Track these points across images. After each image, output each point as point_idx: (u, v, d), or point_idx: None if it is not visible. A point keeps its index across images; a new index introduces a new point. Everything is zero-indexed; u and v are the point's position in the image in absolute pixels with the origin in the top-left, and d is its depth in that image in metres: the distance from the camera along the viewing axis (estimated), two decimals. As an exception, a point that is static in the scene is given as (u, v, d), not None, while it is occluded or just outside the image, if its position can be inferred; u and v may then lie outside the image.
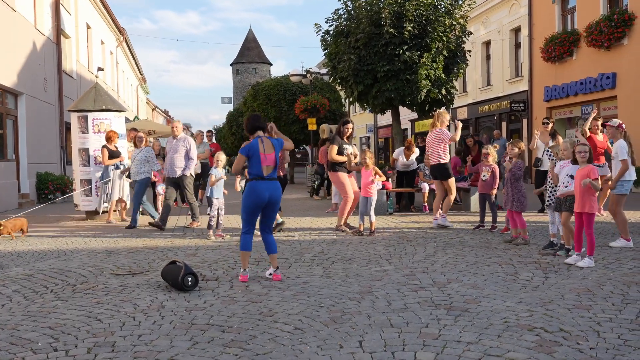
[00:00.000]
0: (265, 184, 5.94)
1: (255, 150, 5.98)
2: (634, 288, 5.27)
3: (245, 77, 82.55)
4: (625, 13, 17.93)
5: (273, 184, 6.01)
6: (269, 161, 5.98)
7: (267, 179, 5.95)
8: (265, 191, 5.92)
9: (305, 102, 22.78)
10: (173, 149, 10.58)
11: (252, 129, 6.19)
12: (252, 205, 5.95)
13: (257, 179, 5.95)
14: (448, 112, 12.18)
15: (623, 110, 18.20)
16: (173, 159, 10.50)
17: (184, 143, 10.55)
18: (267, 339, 4.04)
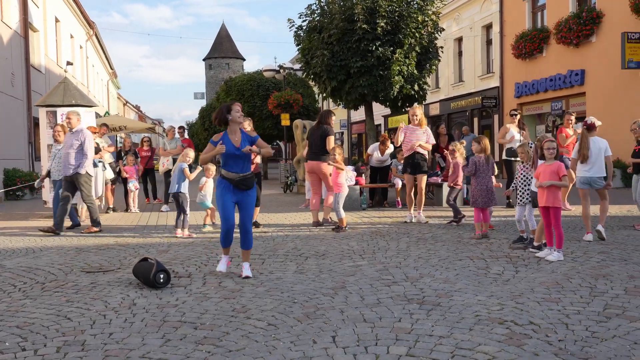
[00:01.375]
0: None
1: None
2: (601, 281, 5.37)
3: (218, 73, 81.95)
4: (593, 11, 18.24)
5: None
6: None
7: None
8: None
9: (279, 98, 22.71)
10: (67, 144, 9.53)
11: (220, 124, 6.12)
12: None
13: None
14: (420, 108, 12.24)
15: (591, 106, 18.52)
16: (67, 155, 9.44)
17: (78, 137, 9.44)
18: (240, 336, 4.02)
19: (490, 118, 24.85)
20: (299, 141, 16.34)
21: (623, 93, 17.17)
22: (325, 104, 37.42)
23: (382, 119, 32.82)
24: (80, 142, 9.42)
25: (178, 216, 9.02)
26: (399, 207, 12.51)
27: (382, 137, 13.52)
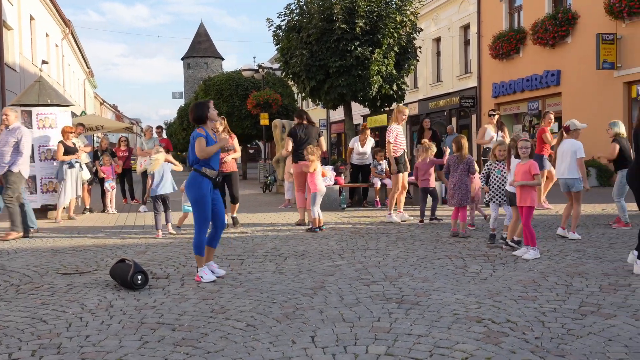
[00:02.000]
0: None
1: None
2: (577, 279, 5.45)
3: (196, 72, 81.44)
4: (569, 12, 18.49)
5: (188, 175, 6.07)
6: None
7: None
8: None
9: (258, 97, 22.64)
10: (2, 142, 9.05)
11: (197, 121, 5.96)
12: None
13: None
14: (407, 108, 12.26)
15: (567, 106, 18.77)
16: (1, 153, 8.96)
17: (15, 134, 8.98)
18: (219, 337, 4.00)
19: (469, 118, 25.06)
20: (278, 141, 16.31)
21: (598, 93, 17.43)
22: (305, 104, 37.42)
23: (361, 118, 32.89)
24: (17, 139, 8.96)
25: (160, 216, 8.95)
26: (378, 207, 12.55)
27: (362, 125, 13.68)
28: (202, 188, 5.76)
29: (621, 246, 7.10)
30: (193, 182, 5.81)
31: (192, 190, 5.80)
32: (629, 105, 16.60)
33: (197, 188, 5.77)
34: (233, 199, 9.69)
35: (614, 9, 16.23)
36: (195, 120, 5.91)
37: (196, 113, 5.88)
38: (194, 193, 5.78)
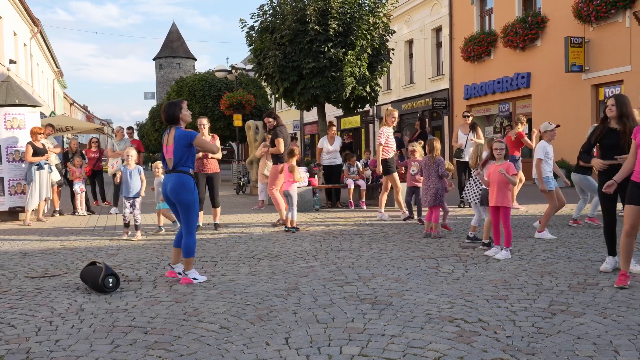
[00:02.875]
0: (165, 177, 5.87)
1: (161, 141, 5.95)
2: (547, 278, 5.54)
3: (168, 72, 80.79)
4: (538, 15, 18.80)
5: (167, 178, 5.77)
6: (168, 153, 5.73)
7: (167, 172, 5.81)
8: (165, 186, 5.79)
9: (231, 98, 22.52)
10: None
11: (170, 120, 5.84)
12: (165, 200, 5.97)
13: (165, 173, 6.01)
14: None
15: (537, 108, 19.08)
16: None
17: None
18: (192, 339, 3.97)
19: (441, 119, 25.30)
20: (251, 142, 16.26)
21: (566, 95, 17.75)
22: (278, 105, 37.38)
23: (334, 119, 32.97)
24: None
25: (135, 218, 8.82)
26: (352, 208, 12.59)
27: (329, 122, 13.79)
28: (194, 191, 5.69)
29: (590, 245, 7.23)
30: (186, 184, 5.65)
31: (185, 194, 5.63)
32: (596, 107, 16.94)
33: (190, 191, 5.66)
34: (214, 202, 9.56)
35: (582, 13, 16.55)
36: (168, 120, 5.77)
37: (168, 112, 5.75)
38: (187, 196, 5.64)
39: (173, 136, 5.66)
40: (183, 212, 5.68)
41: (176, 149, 5.62)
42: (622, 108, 5.67)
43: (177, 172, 5.64)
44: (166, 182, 5.76)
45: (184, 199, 5.63)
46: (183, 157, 5.64)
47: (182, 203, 5.65)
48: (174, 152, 5.64)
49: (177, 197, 5.64)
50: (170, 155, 5.67)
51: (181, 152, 5.61)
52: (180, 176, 5.64)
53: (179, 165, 5.64)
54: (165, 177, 5.84)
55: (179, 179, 5.63)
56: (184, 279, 5.66)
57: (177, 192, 5.62)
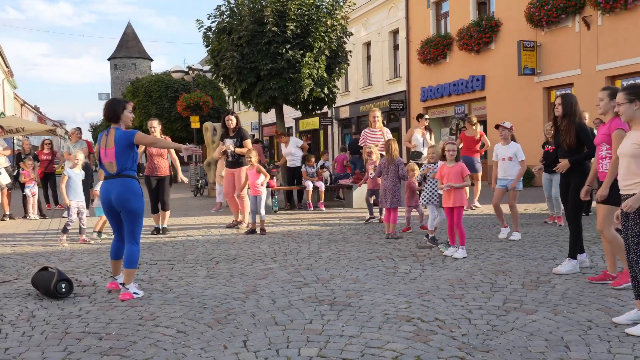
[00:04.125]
0: (106, 183, 5.29)
1: (98, 144, 5.39)
2: (501, 277, 5.65)
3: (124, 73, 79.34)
4: (492, 19, 19.20)
5: (111, 184, 5.22)
6: (108, 157, 5.23)
7: (109, 177, 5.26)
8: (108, 192, 5.23)
9: (188, 100, 22.29)
10: None
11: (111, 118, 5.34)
12: (104, 207, 5.41)
13: (104, 179, 5.40)
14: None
15: (491, 110, 19.47)
16: None
17: None
18: (148, 344, 3.91)
19: (398, 121, 25.56)
20: (209, 144, 16.11)
21: (520, 98, 18.16)
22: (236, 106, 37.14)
23: (293, 121, 32.97)
24: None
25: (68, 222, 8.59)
26: (311, 210, 12.60)
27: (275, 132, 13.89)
28: (142, 197, 5.28)
29: (542, 244, 7.42)
30: (135, 190, 5.20)
31: (136, 200, 5.18)
32: (548, 109, 17.39)
33: (140, 198, 5.23)
34: (163, 205, 9.41)
35: (533, 18, 16.98)
36: (109, 117, 5.29)
37: (111, 108, 5.28)
38: (139, 203, 5.20)
39: (113, 137, 5.18)
40: (130, 220, 5.20)
41: (118, 151, 5.15)
42: (568, 107, 5.83)
43: (123, 177, 5.18)
44: (109, 189, 5.20)
45: (133, 207, 5.17)
46: (127, 159, 5.19)
47: (131, 211, 5.17)
48: (116, 155, 5.15)
49: (126, 205, 5.14)
50: (111, 158, 5.19)
51: (124, 154, 5.17)
52: (126, 181, 5.18)
53: (124, 169, 5.18)
54: (107, 183, 5.26)
55: (125, 184, 5.16)
56: (123, 294, 5.15)
57: (125, 200, 5.13)
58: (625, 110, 4.00)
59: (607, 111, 5.06)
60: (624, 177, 4.05)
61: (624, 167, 4.04)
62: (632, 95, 3.97)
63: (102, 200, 5.35)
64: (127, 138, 5.19)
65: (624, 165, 4.05)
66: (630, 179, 3.99)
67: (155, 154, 9.15)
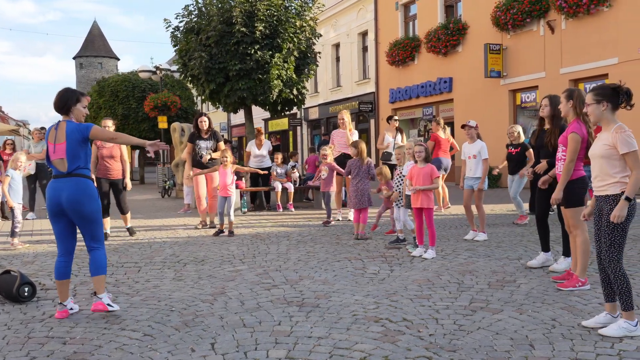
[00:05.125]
0: (55, 183, 4.61)
1: (46, 139, 4.77)
2: (468, 277, 5.72)
3: (90, 72, 78.06)
4: (459, 22, 19.43)
5: (61, 184, 4.58)
6: (57, 153, 4.61)
7: (59, 176, 4.61)
8: (57, 193, 4.58)
9: (155, 100, 22.03)
10: None
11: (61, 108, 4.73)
12: (49, 213, 4.68)
13: (52, 178, 4.69)
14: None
15: (459, 112, 19.70)
16: None
17: None
18: (114, 348, 3.86)
19: (367, 122, 25.69)
20: (177, 144, 15.95)
21: (486, 100, 18.42)
22: (204, 107, 36.87)
23: (262, 122, 32.87)
24: None
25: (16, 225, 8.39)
26: (280, 211, 12.57)
27: (257, 129, 13.74)
28: (97, 198, 4.74)
29: (508, 245, 7.53)
30: (89, 191, 4.62)
31: (89, 203, 4.60)
32: (514, 111, 17.69)
33: (95, 199, 4.69)
34: (122, 209, 9.14)
35: (500, 21, 17.24)
36: (59, 107, 4.69)
37: (63, 98, 4.69)
38: (92, 205, 4.63)
39: (64, 131, 4.56)
40: (87, 224, 4.64)
41: (70, 146, 4.54)
42: (554, 108, 5.83)
43: (76, 177, 4.57)
44: (59, 189, 4.56)
45: (88, 210, 4.59)
46: (80, 157, 4.59)
47: (86, 214, 4.58)
48: (67, 151, 4.54)
49: (79, 209, 4.55)
50: (61, 155, 4.55)
51: (76, 150, 4.56)
52: (80, 181, 4.58)
53: (77, 167, 4.58)
54: (56, 182, 4.60)
55: (79, 185, 4.57)
56: (96, 304, 4.60)
57: (79, 202, 4.54)
58: (593, 111, 4.06)
59: (567, 113, 5.14)
60: (597, 178, 4.11)
61: (597, 168, 4.09)
62: (599, 97, 4.03)
63: (48, 202, 4.62)
64: (80, 132, 4.59)
65: (596, 167, 4.10)
66: (604, 180, 4.05)
67: (107, 156, 8.75)
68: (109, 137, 5.09)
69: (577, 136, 4.89)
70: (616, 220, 3.85)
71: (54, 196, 4.59)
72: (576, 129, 4.88)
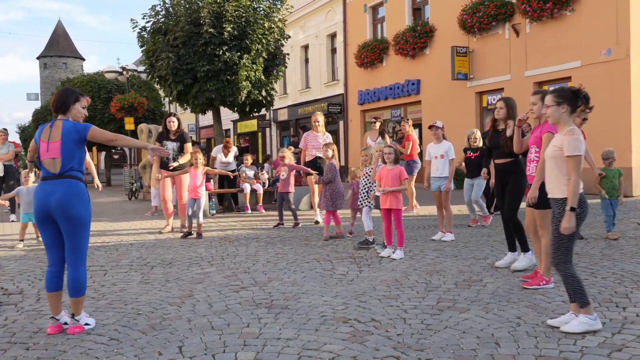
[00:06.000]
0: (45, 185, 4.27)
1: (37, 138, 4.44)
2: (435, 276, 5.78)
3: (54, 72, 76.70)
4: (427, 25, 19.63)
5: (51, 186, 4.24)
6: (51, 152, 4.28)
7: (49, 178, 4.27)
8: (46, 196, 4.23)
9: (122, 101, 21.77)
10: None
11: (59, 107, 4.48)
12: (36, 219, 4.35)
13: (41, 180, 4.35)
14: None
15: (426, 113, 19.89)
16: None
17: None
18: (79, 353, 3.79)
19: (336, 124, 25.76)
20: (144, 146, 15.75)
21: (453, 102, 18.64)
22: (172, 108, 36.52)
23: (231, 123, 32.69)
24: None
25: None
26: (249, 212, 12.52)
27: (226, 141, 13.62)
28: (89, 204, 4.38)
29: (475, 245, 7.64)
30: (82, 195, 4.28)
31: (83, 206, 4.26)
32: (480, 113, 17.94)
33: (87, 204, 4.32)
34: None
35: (466, 24, 17.47)
36: (58, 106, 4.44)
37: (62, 97, 4.46)
38: (85, 210, 4.28)
39: (60, 129, 4.28)
40: (74, 232, 4.24)
41: (65, 146, 4.25)
42: (510, 110, 6.01)
43: (68, 178, 4.24)
44: (49, 191, 4.21)
45: (79, 214, 4.22)
46: (74, 158, 4.30)
47: (75, 219, 4.21)
48: (61, 151, 4.24)
49: (69, 211, 4.18)
50: (54, 154, 4.25)
51: (71, 150, 4.28)
52: (73, 183, 4.25)
53: (71, 169, 4.27)
54: (45, 185, 4.26)
55: (72, 186, 4.24)
56: (72, 327, 4.28)
57: (70, 205, 4.18)
58: (552, 113, 4.12)
59: (540, 115, 5.16)
60: (548, 180, 4.20)
61: (548, 170, 4.19)
62: (559, 99, 4.10)
63: (36, 206, 4.27)
64: (77, 132, 4.30)
65: (547, 169, 4.20)
66: (551, 182, 4.14)
67: None
68: (108, 138, 4.56)
69: (553, 136, 4.89)
70: (566, 232, 3.92)
71: (42, 199, 4.23)
72: (551, 129, 4.90)
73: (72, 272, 4.28)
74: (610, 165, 7.86)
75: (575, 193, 3.91)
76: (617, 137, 13.47)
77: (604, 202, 7.89)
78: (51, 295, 4.31)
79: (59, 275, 4.32)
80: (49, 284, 4.30)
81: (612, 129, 13.58)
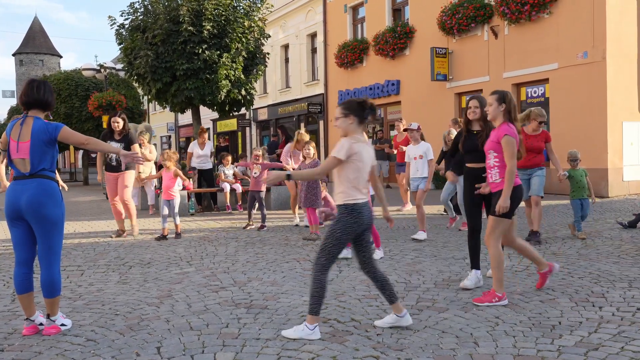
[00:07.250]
0: (16, 184, 4.18)
1: (7, 132, 4.27)
2: (415, 276, 5.81)
3: (30, 69, 75.60)
4: (406, 26, 19.71)
5: (22, 185, 4.15)
6: (21, 152, 4.17)
7: (20, 178, 4.18)
8: (17, 196, 4.14)
9: (100, 99, 21.52)
10: None
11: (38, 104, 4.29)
12: (7, 218, 4.24)
13: (13, 179, 4.25)
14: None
15: (406, 114, 19.96)
16: None
17: None
18: (55, 354, 3.74)
19: (317, 124, 25.76)
20: (122, 145, 15.59)
21: (433, 102, 18.75)
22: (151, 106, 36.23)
23: (210, 122, 32.52)
24: None
25: None
26: (228, 212, 12.46)
27: (200, 129, 13.51)
28: (62, 204, 4.28)
29: (454, 244, 7.68)
30: (54, 194, 4.19)
31: (53, 206, 4.15)
32: (459, 114, 18.03)
33: (59, 204, 4.23)
34: None
35: (445, 26, 17.58)
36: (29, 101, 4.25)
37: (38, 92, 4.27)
38: (56, 210, 4.18)
39: (30, 128, 4.16)
40: (46, 232, 4.15)
41: (34, 146, 4.13)
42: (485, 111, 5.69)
43: (39, 178, 4.15)
44: (20, 191, 4.12)
45: (51, 214, 4.13)
46: (45, 158, 4.19)
47: (47, 219, 4.12)
48: (30, 151, 4.13)
49: (41, 212, 4.10)
50: (24, 154, 4.13)
51: (41, 151, 4.16)
52: (44, 183, 4.15)
53: (42, 169, 4.17)
54: (16, 185, 4.17)
55: (42, 186, 4.14)
56: (48, 328, 4.22)
57: (41, 204, 4.09)
58: (340, 124, 4.13)
59: (496, 116, 4.90)
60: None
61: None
62: (347, 110, 4.11)
63: (6, 206, 4.16)
64: (48, 132, 4.17)
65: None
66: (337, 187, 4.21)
67: None
68: (79, 141, 4.39)
69: (512, 138, 4.69)
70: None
71: (13, 199, 4.13)
72: (508, 132, 4.70)
73: (45, 272, 4.20)
74: (576, 166, 7.98)
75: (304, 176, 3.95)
76: (593, 138, 13.67)
77: (574, 203, 7.98)
78: (22, 297, 4.22)
79: (28, 277, 4.23)
80: (19, 286, 4.20)
81: (588, 130, 13.77)
